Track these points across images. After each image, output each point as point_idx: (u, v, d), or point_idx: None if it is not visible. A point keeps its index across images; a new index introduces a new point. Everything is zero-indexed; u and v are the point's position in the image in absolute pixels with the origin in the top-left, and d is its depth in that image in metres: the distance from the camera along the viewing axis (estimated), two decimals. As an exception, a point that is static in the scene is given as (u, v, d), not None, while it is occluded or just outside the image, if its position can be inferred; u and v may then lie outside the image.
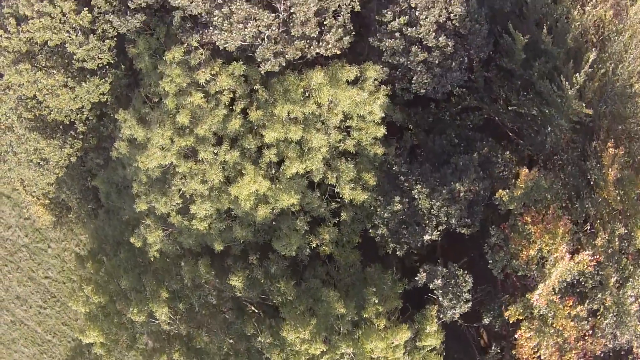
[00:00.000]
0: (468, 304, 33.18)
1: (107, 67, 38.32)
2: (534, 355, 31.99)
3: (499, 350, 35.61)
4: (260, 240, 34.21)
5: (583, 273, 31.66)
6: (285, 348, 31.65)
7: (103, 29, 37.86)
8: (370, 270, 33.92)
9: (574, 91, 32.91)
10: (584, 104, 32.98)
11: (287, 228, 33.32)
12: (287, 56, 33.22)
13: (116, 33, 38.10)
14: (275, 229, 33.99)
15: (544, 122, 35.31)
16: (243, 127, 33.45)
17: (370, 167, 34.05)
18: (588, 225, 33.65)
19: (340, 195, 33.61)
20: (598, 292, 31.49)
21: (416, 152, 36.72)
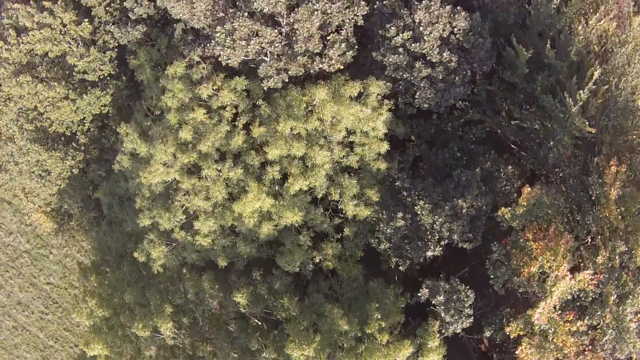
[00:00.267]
0: (470, 319, 33.46)
1: (108, 79, 38.14)
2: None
3: (500, 361, 36.05)
4: (263, 255, 34.36)
5: (584, 290, 31.95)
6: (290, 364, 31.94)
7: (104, 40, 37.63)
8: (372, 284, 34.12)
9: (578, 108, 32.93)
10: (587, 121, 33.04)
11: (291, 244, 33.46)
12: (290, 72, 33.10)
13: (117, 44, 37.88)
14: (278, 244, 34.12)
15: (547, 136, 35.37)
16: (246, 143, 33.43)
17: (373, 183, 34.13)
18: (589, 238, 33.89)
19: (343, 211, 33.70)
20: (598, 309, 31.80)
21: (419, 165, 36.77)
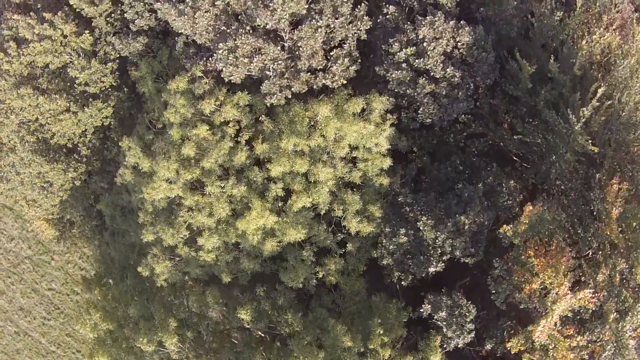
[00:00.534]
0: (471, 334, 33.81)
1: (110, 90, 37.97)
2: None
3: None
4: (267, 270, 34.54)
5: (584, 306, 32.28)
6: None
7: (105, 51, 37.41)
8: (375, 299, 34.38)
9: (581, 125, 33.00)
10: (590, 137, 33.14)
11: (294, 259, 33.64)
12: (294, 89, 33.03)
13: (118, 55, 37.66)
14: (282, 259, 34.30)
15: (549, 150, 35.48)
16: (249, 159, 33.45)
17: (375, 198, 34.24)
18: (590, 251, 34.16)
19: (346, 227, 33.85)
20: (597, 325, 32.17)
21: (421, 178, 36.86)
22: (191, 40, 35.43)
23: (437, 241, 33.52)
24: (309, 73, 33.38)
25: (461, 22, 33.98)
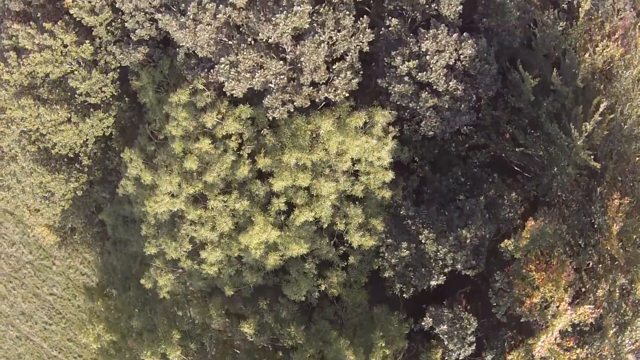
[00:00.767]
0: (472, 346, 34.04)
1: (111, 100, 37.82)
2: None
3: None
4: (270, 282, 34.67)
5: (584, 321, 32.52)
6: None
7: (105, 61, 37.21)
8: (377, 311, 34.56)
9: (583, 139, 33.00)
10: (591, 153, 33.16)
11: (297, 272, 33.75)
12: (296, 104, 32.95)
13: (119, 65, 37.47)
14: (284, 272, 34.41)
15: (551, 163, 35.51)
16: (251, 172, 33.43)
17: (377, 211, 34.28)
18: (591, 262, 34.32)
19: (348, 241, 33.95)
20: (597, 339, 32.40)
21: (422, 189, 36.89)
22: (192, 51, 35.24)
23: (439, 254, 33.65)
24: (312, 87, 33.26)
25: (464, 35, 33.79)
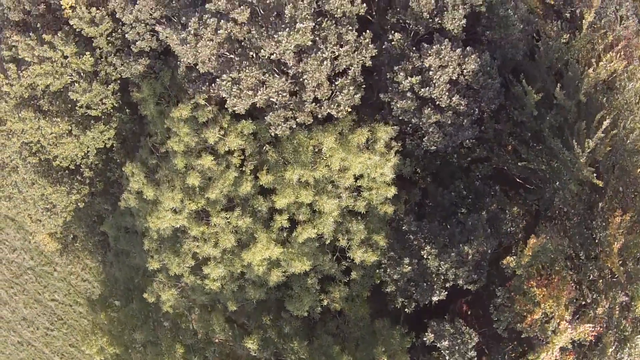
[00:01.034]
0: (473, 361, 34.32)
1: (112, 111, 37.63)
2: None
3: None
4: (272, 297, 34.78)
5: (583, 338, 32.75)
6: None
7: (106, 72, 36.97)
8: (379, 325, 34.75)
9: (585, 156, 32.97)
10: (594, 170, 33.15)
11: (299, 288, 33.85)
12: (299, 120, 32.83)
13: (119, 76, 37.23)
14: (287, 287, 34.51)
15: (553, 177, 35.52)
16: (254, 189, 33.39)
17: (380, 226, 34.32)
18: (591, 275, 34.46)
19: (350, 257, 34.04)
20: (596, 356, 32.62)
21: (424, 202, 36.92)
22: (193, 64, 35.00)
23: (441, 269, 33.76)
24: (314, 103, 33.12)
25: (467, 49, 33.59)
